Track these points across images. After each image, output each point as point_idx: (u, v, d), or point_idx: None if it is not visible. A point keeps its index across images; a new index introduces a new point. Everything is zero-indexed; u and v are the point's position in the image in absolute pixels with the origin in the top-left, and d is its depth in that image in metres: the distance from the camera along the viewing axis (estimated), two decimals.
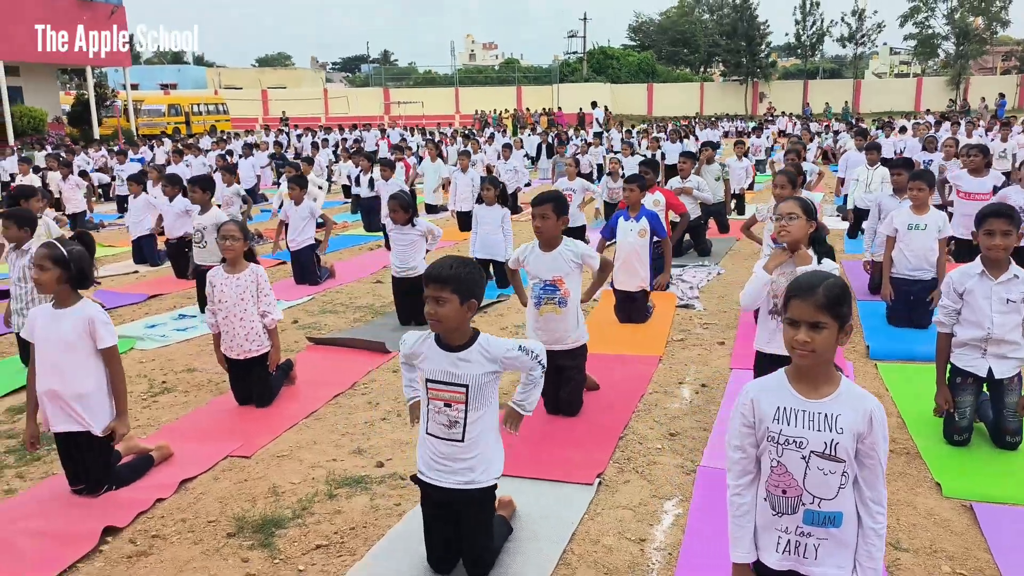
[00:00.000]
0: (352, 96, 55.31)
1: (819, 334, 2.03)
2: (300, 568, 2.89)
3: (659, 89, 58.55)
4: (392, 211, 6.13)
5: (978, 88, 52.39)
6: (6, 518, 3.29)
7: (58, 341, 3.36)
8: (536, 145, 19.91)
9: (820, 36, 59.39)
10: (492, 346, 2.68)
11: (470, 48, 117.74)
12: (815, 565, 2.11)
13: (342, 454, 3.87)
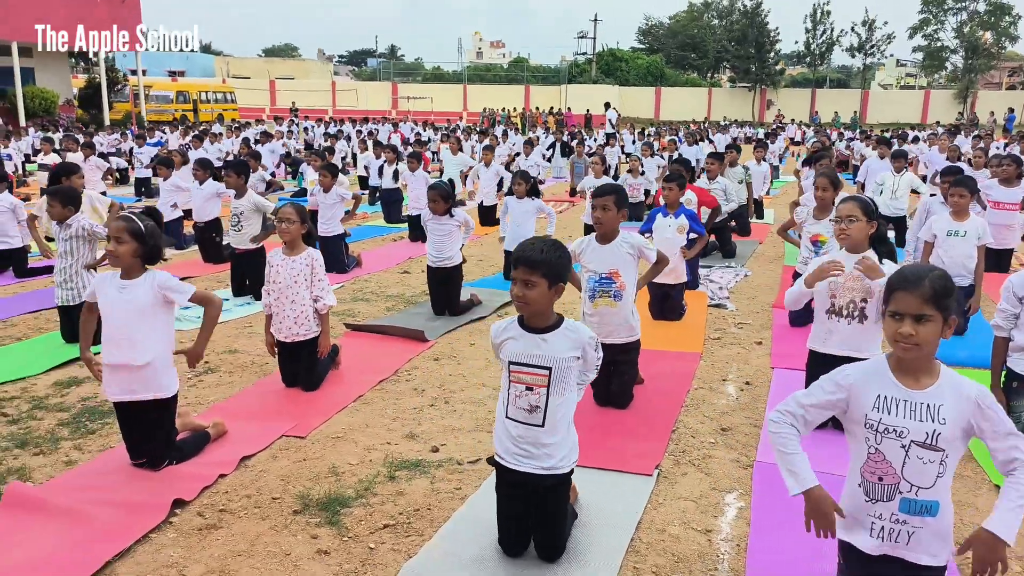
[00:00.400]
0: (361, 89, 55.13)
1: (924, 327, 2.04)
2: (371, 546, 2.90)
3: (667, 93, 58.57)
4: (432, 200, 6.15)
5: (985, 102, 52.49)
6: (72, 486, 3.31)
7: (130, 311, 3.38)
8: (550, 144, 19.91)
9: (830, 45, 59.50)
10: (578, 330, 2.70)
11: (477, 46, 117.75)
12: (908, 551, 2.13)
13: (395, 438, 3.88)
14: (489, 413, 4.20)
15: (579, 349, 2.69)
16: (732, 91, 60.75)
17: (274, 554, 2.85)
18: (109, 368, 3.42)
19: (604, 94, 55.30)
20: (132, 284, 3.42)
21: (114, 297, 3.41)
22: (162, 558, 2.82)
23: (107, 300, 3.43)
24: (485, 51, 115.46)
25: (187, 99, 42.79)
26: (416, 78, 71.19)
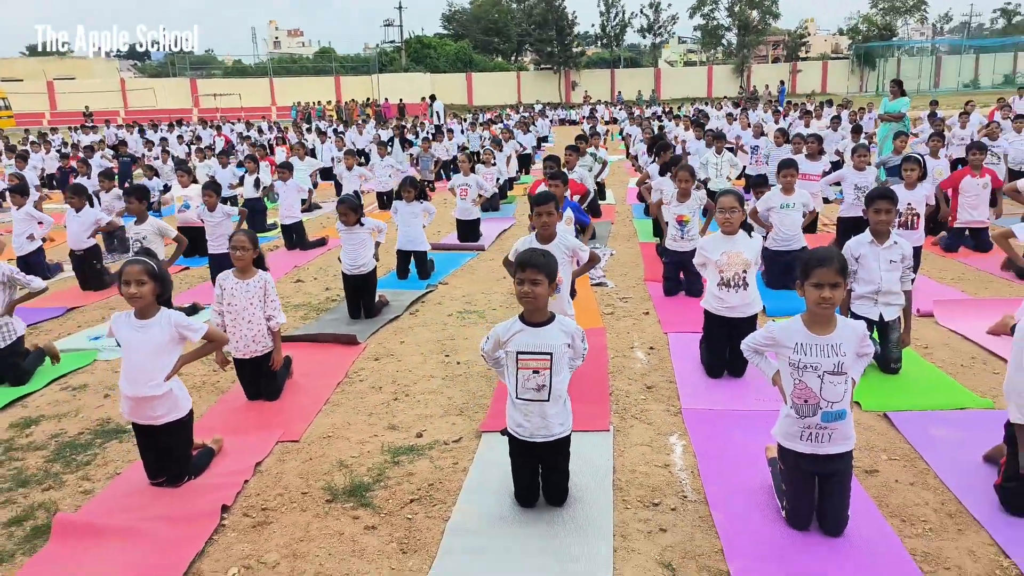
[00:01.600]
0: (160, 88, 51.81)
1: (836, 291, 2.96)
2: (408, 517, 3.48)
3: (478, 78, 59.96)
4: (343, 214, 6.59)
5: (759, 75, 58.41)
6: (110, 510, 3.58)
7: (148, 350, 3.68)
8: (389, 138, 20.28)
9: (623, 27, 63.57)
10: (567, 324, 3.40)
11: (274, 35, 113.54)
12: (829, 446, 3.05)
13: (379, 430, 4.42)
14: (448, 400, 4.83)
15: (569, 338, 3.39)
16: (538, 74, 63.25)
17: (330, 535, 3.35)
18: (130, 400, 3.71)
19: (416, 82, 55.79)
20: (149, 324, 3.72)
21: (132, 336, 3.70)
22: (236, 553, 3.24)
23: (125, 339, 3.71)
24: (283, 40, 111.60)
25: None
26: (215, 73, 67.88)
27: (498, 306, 7.03)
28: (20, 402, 5.11)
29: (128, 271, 3.69)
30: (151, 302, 3.74)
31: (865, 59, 59.33)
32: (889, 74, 59.03)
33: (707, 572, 2.97)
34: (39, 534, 3.45)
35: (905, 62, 60.21)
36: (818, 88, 58.13)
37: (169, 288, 3.85)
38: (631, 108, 33.09)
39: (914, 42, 67.85)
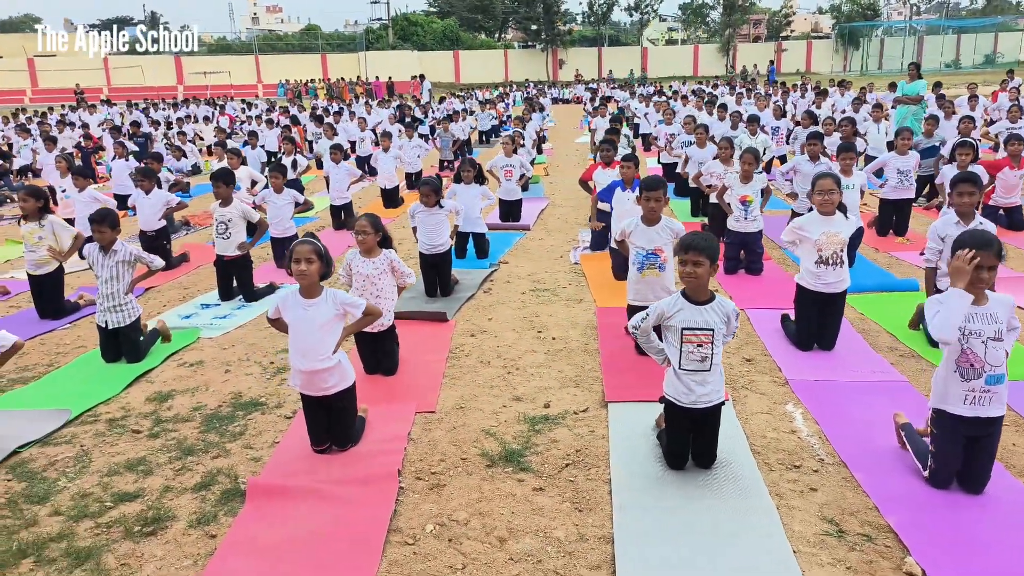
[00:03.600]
0: (143, 65, 50.99)
1: (993, 273, 3.29)
2: (570, 479, 3.78)
3: (465, 56, 59.70)
4: (424, 195, 6.82)
5: (744, 55, 58.72)
6: (287, 473, 3.85)
7: (316, 327, 3.94)
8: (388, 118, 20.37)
9: (610, 5, 63.53)
10: (725, 304, 3.70)
11: (252, 11, 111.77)
12: (990, 409, 3.37)
13: (507, 401, 4.71)
14: (560, 373, 5.13)
15: (726, 316, 3.69)
16: (526, 52, 63.06)
17: (504, 496, 3.65)
18: (304, 373, 3.97)
19: (403, 60, 55.45)
20: (316, 303, 3.97)
21: (301, 315, 3.96)
22: (425, 512, 3.53)
23: (294, 317, 3.96)
24: (262, 17, 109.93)
25: None
26: (200, 50, 66.82)
27: (566, 284, 7.32)
28: (144, 378, 5.34)
29: (299, 250, 3.94)
30: (316, 280, 3.99)
31: (849, 38, 59.78)
32: (872, 53, 59.70)
33: (868, 526, 3.31)
34: (230, 496, 3.72)
35: (888, 42, 60.85)
36: (803, 67, 58.52)
37: (331, 268, 4.10)
38: (632, 87, 33.29)
39: (895, 22, 68.43)
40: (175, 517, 3.57)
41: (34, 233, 6.47)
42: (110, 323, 5.53)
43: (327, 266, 4.03)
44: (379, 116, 20.21)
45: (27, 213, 6.50)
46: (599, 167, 8.50)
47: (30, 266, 6.55)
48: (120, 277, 5.55)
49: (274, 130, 17.36)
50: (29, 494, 3.82)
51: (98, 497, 3.77)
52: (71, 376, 5.38)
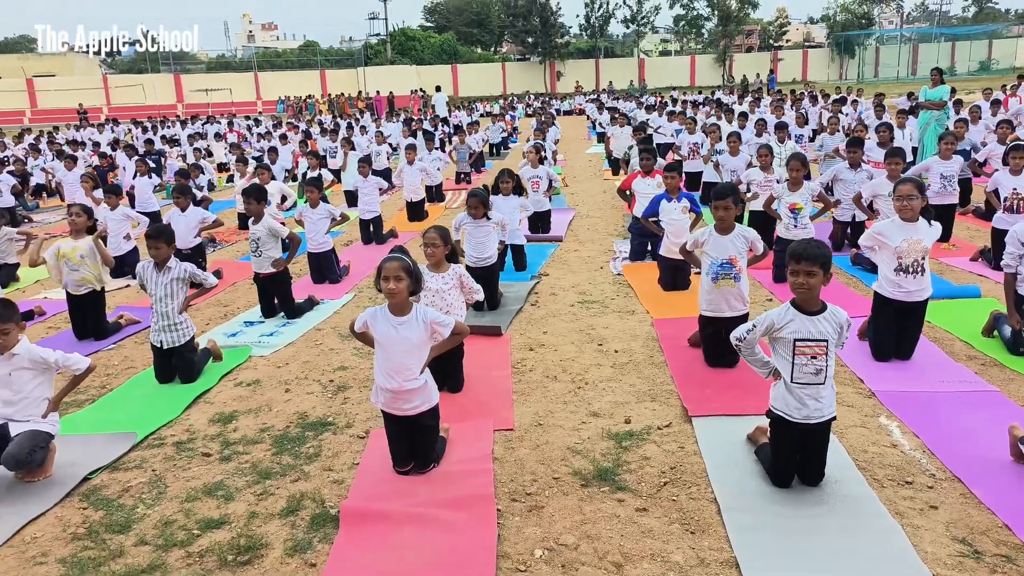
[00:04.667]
0: (148, 84, 51.01)
1: None
2: (672, 498, 3.64)
3: (463, 70, 59.83)
4: (472, 207, 6.70)
5: (740, 65, 58.93)
6: (378, 495, 3.71)
7: (407, 346, 3.81)
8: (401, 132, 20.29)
9: (607, 18, 63.79)
10: (838, 313, 3.56)
11: (247, 29, 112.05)
12: None
13: (585, 416, 4.57)
14: (631, 387, 5.00)
15: (839, 326, 3.55)
16: (524, 65, 63.23)
17: (608, 517, 3.51)
18: (389, 392, 3.82)
19: (402, 75, 55.51)
20: (405, 321, 3.84)
21: (389, 333, 3.82)
22: (530, 535, 3.38)
23: (383, 335, 3.83)
24: (257, 34, 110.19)
25: None
26: (190, 68, 66.80)
27: (614, 295, 7.19)
28: (202, 399, 5.19)
29: (388, 267, 3.81)
30: (406, 298, 3.86)
31: (844, 47, 60.07)
32: (868, 62, 60.02)
33: (1004, 546, 3.16)
34: (321, 522, 3.57)
35: (883, 50, 61.17)
36: (799, 76, 58.75)
37: (421, 285, 3.97)
38: (638, 98, 33.24)
39: (888, 31, 68.81)
40: (268, 545, 3.42)
41: (76, 251, 6.33)
42: (165, 343, 5.38)
43: (416, 283, 3.90)
44: (389, 130, 20.12)
45: (77, 229, 6.36)
46: (639, 176, 8.40)
47: (71, 285, 6.40)
48: (174, 295, 5.41)
49: (288, 146, 17.26)
50: (109, 523, 3.66)
51: (182, 524, 3.62)
52: (126, 398, 5.23)
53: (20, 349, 4.14)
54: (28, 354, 4.15)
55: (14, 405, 4.13)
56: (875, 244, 5.11)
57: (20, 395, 4.13)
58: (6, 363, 4.12)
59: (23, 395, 4.13)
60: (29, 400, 4.14)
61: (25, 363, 4.14)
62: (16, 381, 4.13)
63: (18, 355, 4.13)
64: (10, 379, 4.12)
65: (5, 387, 4.13)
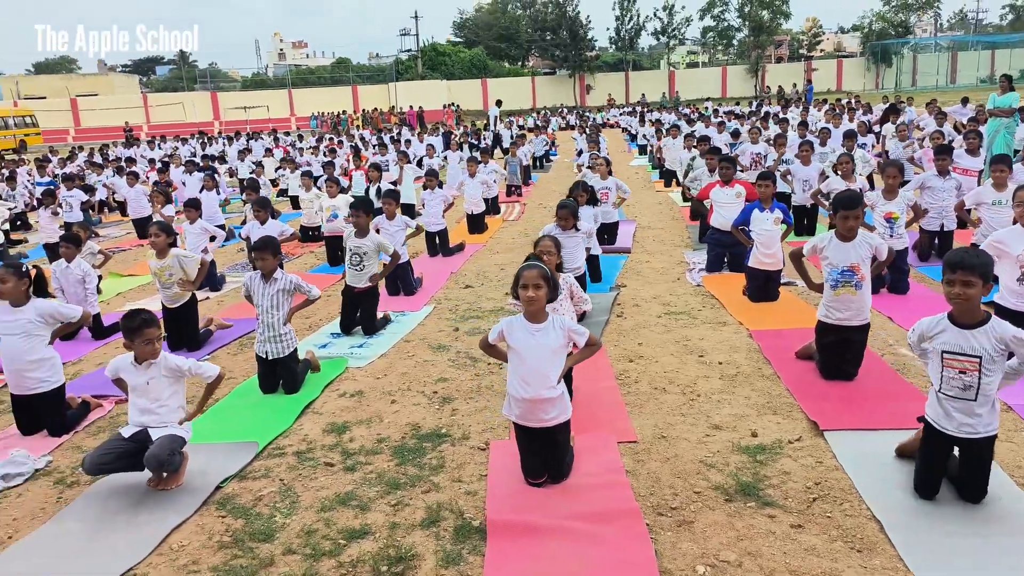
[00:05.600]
0: (188, 102, 51.89)
1: None
2: (826, 515, 3.53)
3: (493, 84, 60.07)
4: (562, 218, 6.67)
5: (772, 75, 58.57)
6: (518, 507, 3.65)
7: (543, 353, 3.76)
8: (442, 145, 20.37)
9: (638, 30, 63.78)
10: (1001, 327, 3.37)
11: (278, 47, 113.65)
12: None
13: (707, 429, 4.48)
14: (747, 399, 4.90)
15: (1001, 342, 3.35)
16: (553, 78, 63.37)
17: (764, 533, 3.40)
18: (526, 402, 3.77)
19: (432, 89, 55.97)
20: (543, 329, 3.79)
21: (527, 341, 3.77)
22: (687, 551, 3.30)
23: (520, 344, 3.78)
24: (288, 52, 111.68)
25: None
26: (223, 85, 67.92)
27: (700, 306, 7.10)
28: (309, 409, 5.18)
29: (527, 275, 3.77)
30: (544, 306, 3.82)
31: (881, 56, 59.47)
32: (905, 71, 59.31)
33: None
34: (465, 533, 3.52)
35: (921, 58, 60.46)
36: (833, 86, 58.31)
37: (557, 293, 3.93)
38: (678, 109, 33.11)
39: (924, 39, 68.00)
40: (419, 556, 3.37)
41: (165, 270, 6.38)
42: (270, 353, 5.39)
43: (554, 290, 3.85)
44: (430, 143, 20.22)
45: (160, 248, 6.40)
46: (716, 185, 8.31)
47: (167, 300, 6.45)
48: (279, 306, 5.42)
49: (337, 160, 17.39)
50: (252, 531, 3.64)
51: (325, 534, 3.59)
52: (235, 407, 5.23)
53: (157, 358, 4.19)
54: (165, 362, 4.20)
55: (152, 413, 4.16)
56: (995, 254, 4.96)
57: (158, 403, 4.17)
58: (144, 372, 4.18)
59: (160, 402, 4.17)
60: (166, 408, 4.17)
61: (163, 371, 4.19)
62: (154, 389, 4.17)
63: (156, 363, 4.18)
64: (148, 387, 4.17)
65: (143, 395, 4.18)
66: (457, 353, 6.14)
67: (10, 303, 4.78)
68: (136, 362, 4.20)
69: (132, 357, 4.21)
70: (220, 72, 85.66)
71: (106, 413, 5.27)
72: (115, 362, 4.29)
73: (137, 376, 4.19)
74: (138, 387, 4.19)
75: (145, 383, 4.18)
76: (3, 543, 3.69)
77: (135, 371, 4.20)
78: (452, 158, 16.92)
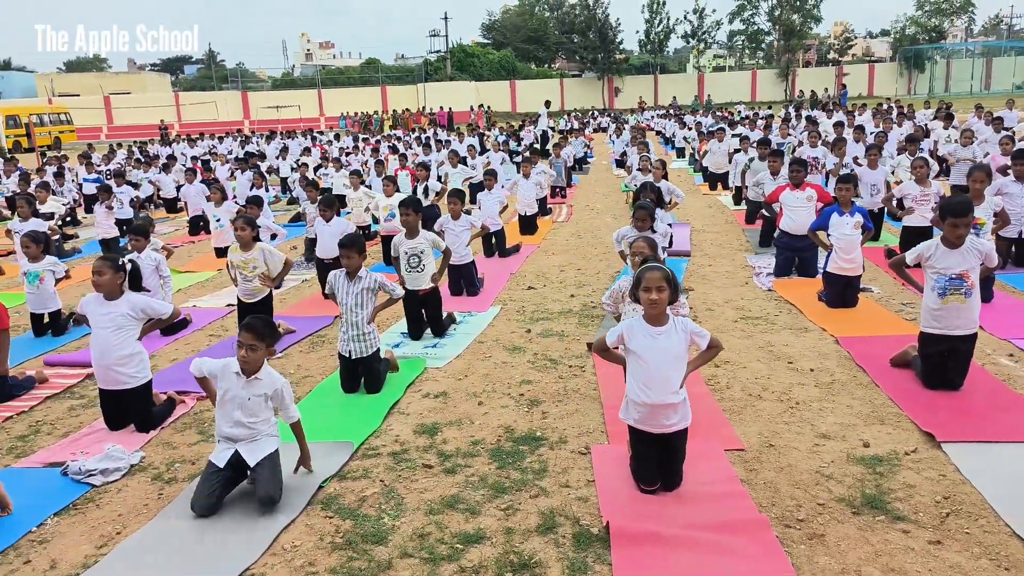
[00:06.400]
0: (221, 101, 52.34)
1: None
2: (964, 531, 3.37)
3: (521, 86, 60.06)
4: (640, 220, 6.52)
5: (803, 80, 58.00)
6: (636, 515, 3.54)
7: (666, 357, 3.66)
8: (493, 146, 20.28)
9: (667, 33, 63.45)
10: None
11: (305, 47, 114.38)
12: None
13: (812, 439, 4.33)
14: (849, 408, 4.75)
15: None
16: (582, 80, 63.21)
17: (902, 549, 3.25)
18: (649, 407, 3.66)
19: (461, 90, 56.06)
20: (665, 331, 3.68)
21: (649, 344, 3.67)
22: (825, 566, 3.16)
23: (641, 347, 3.67)
24: (315, 52, 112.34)
25: (18, 123, 39.41)
26: (250, 85, 68.38)
27: (775, 311, 6.95)
28: (394, 409, 5.09)
29: (650, 277, 3.67)
30: (665, 308, 3.71)
31: (914, 62, 58.71)
32: (938, 76, 58.50)
33: None
34: (586, 541, 3.41)
35: (954, 64, 59.65)
36: (864, 91, 57.62)
37: (677, 294, 3.82)
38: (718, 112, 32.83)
39: (956, 44, 67.05)
40: (542, 563, 3.26)
41: (250, 262, 6.33)
42: (353, 352, 5.31)
43: (675, 293, 3.74)
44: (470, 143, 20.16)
45: (244, 242, 6.36)
46: (787, 188, 8.14)
47: (244, 294, 6.41)
48: (364, 304, 5.34)
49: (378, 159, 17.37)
50: (363, 533, 3.55)
51: (439, 538, 3.49)
52: (319, 406, 5.16)
53: (263, 374, 3.92)
54: (268, 379, 3.91)
55: (247, 429, 3.87)
56: None
57: (255, 419, 3.89)
58: (247, 387, 3.87)
59: (259, 419, 3.90)
60: (263, 423, 3.93)
61: (266, 389, 3.89)
62: (253, 406, 3.89)
63: (261, 380, 3.89)
64: (248, 403, 3.87)
65: (240, 409, 3.86)
66: (535, 355, 6.03)
67: (104, 296, 4.74)
68: (243, 374, 3.88)
69: (237, 367, 3.87)
70: (248, 72, 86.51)
71: (188, 409, 5.21)
72: (215, 366, 3.99)
73: (239, 389, 3.87)
74: (237, 399, 3.87)
75: (247, 399, 3.87)
76: (112, 538, 3.63)
77: (237, 382, 3.87)
78: (494, 159, 16.84)
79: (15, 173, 16.64)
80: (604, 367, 5.58)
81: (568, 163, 17.05)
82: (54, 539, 3.65)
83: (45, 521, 3.80)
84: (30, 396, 5.47)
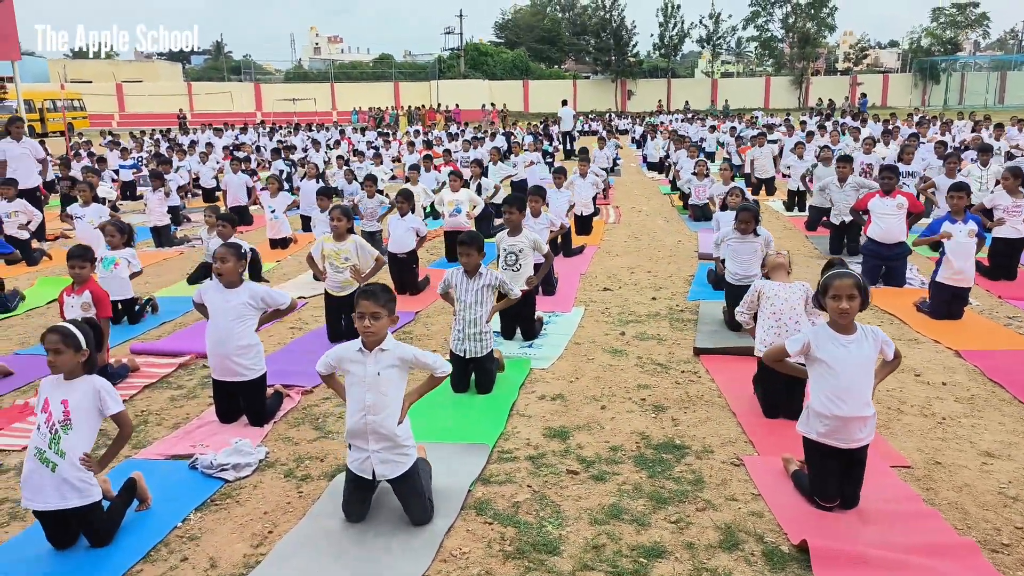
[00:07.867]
0: (236, 92, 52.08)
1: None
2: None
3: (534, 86, 59.88)
4: (743, 222, 6.30)
5: (817, 88, 57.87)
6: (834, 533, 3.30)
7: (857, 366, 3.48)
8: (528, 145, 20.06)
9: (682, 38, 63.28)
10: None
11: (314, 41, 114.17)
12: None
13: (975, 456, 4.10)
14: (1000, 424, 4.53)
15: None
16: (595, 82, 63.02)
17: None
18: (838, 419, 3.44)
19: (474, 89, 55.83)
20: (855, 340, 3.53)
21: (838, 353, 3.50)
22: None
23: (833, 356, 3.50)
24: (323, 47, 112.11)
25: (31, 108, 39.15)
26: (259, 78, 68.08)
27: (877, 322, 6.66)
28: (512, 411, 4.86)
29: (840, 285, 3.51)
30: (854, 318, 3.50)
31: (929, 73, 58.58)
32: (952, 89, 58.37)
33: None
34: (779, 560, 3.19)
35: (969, 77, 59.54)
36: (878, 101, 57.49)
37: (868, 302, 3.60)
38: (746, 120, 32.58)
39: (970, 57, 66.97)
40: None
41: (342, 253, 6.09)
42: (468, 352, 5.07)
43: (866, 299, 3.53)
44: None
45: (338, 233, 6.13)
46: (876, 196, 7.92)
47: (333, 287, 6.17)
48: (483, 302, 5.11)
49: (412, 155, 17.13)
50: (532, 542, 3.33)
51: (616, 550, 3.26)
52: (435, 404, 4.86)
53: (388, 344, 3.51)
54: (396, 349, 3.51)
55: (378, 412, 3.40)
56: None
57: (386, 397, 3.43)
58: (374, 361, 3.44)
59: (389, 398, 3.47)
60: (392, 404, 3.49)
61: (395, 360, 3.49)
62: (384, 382, 3.43)
63: (387, 351, 3.49)
64: (378, 379, 3.42)
65: (372, 390, 3.40)
66: (639, 359, 5.80)
67: (225, 284, 4.50)
68: (365, 348, 3.49)
69: (359, 344, 3.49)
70: (255, 65, 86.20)
71: (295, 404, 4.98)
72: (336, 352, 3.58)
73: (366, 366, 3.46)
74: (366, 379, 3.44)
75: (376, 374, 3.43)
76: (266, 537, 3.41)
77: (362, 359, 3.46)
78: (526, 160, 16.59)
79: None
80: (721, 373, 5.38)
81: (605, 164, 16.84)
82: (203, 536, 3.44)
83: (188, 516, 3.58)
84: (127, 384, 5.24)
